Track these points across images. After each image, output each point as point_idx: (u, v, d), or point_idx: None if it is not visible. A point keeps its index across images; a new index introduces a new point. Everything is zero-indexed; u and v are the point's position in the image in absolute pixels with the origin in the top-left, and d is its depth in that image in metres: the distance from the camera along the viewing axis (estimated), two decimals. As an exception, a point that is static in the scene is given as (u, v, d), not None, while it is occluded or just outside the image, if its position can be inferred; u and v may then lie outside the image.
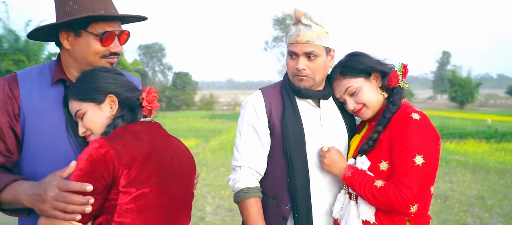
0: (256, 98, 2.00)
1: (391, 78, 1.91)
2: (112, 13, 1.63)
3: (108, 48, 1.63)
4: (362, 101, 1.91)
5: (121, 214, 1.38)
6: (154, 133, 1.51)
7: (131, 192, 1.38)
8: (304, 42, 1.88)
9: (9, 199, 1.47)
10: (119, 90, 1.53)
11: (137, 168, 1.39)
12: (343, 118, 2.04)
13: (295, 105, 1.96)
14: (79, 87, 1.52)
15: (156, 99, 1.58)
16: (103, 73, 1.55)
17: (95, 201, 1.34)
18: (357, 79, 1.92)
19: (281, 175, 1.93)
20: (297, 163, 1.89)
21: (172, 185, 1.50)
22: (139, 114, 1.53)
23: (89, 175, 1.33)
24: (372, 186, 1.77)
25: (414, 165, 1.73)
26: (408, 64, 1.96)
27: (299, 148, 1.91)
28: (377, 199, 1.76)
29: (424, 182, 1.75)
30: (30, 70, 1.70)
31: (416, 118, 1.79)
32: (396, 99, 1.90)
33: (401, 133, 1.78)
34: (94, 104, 1.51)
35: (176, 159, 1.54)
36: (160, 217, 1.46)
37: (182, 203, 1.57)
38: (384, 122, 1.86)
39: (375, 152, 1.84)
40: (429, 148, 1.76)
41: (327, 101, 2.02)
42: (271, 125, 1.96)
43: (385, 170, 1.81)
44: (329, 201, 1.97)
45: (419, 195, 1.73)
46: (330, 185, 1.97)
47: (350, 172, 1.83)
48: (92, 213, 1.36)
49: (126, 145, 1.40)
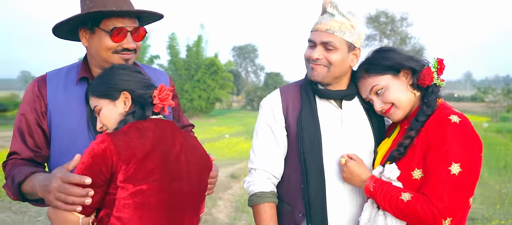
0: (274, 97, 1.92)
1: (424, 76, 1.73)
2: (123, 9, 1.66)
3: (120, 44, 1.67)
4: (389, 100, 1.75)
5: (119, 209, 1.42)
6: (161, 131, 1.53)
7: (128, 188, 1.41)
8: (323, 30, 1.77)
9: (28, 190, 1.58)
10: (133, 87, 1.56)
11: (136, 165, 1.42)
12: (369, 120, 1.88)
13: (313, 105, 1.85)
14: (97, 84, 1.59)
15: (170, 97, 1.57)
16: (119, 71, 1.59)
17: (95, 194, 1.40)
18: (383, 77, 1.76)
19: (296, 180, 1.83)
20: (311, 168, 1.78)
21: (174, 183, 1.51)
22: (148, 111, 1.55)
23: (90, 169, 1.39)
24: (398, 200, 1.61)
25: (449, 174, 1.57)
26: (444, 59, 1.77)
27: (315, 151, 1.79)
28: (404, 214, 1.61)
29: (460, 194, 1.58)
30: (60, 70, 1.82)
31: (455, 120, 1.62)
32: (431, 100, 1.72)
33: (437, 138, 1.62)
34: (109, 100, 1.56)
35: (183, 157, 1.55)
36: (159, 214, 1.47)
37: (188, 201, 1.57)
38: (417, 126, 1.69)
39: (407, 159, 1.68)
40: (468, 156, 1.59)
41: (351, 102, 1.89)
42: (287, 125, 1.86)
43: (419, 179, 1.65)
44: (351, 210, 1.82)
45: (453, 208, 1.56)
46: (351, 193, 1.83)
47: (372, 185, 1.69)
48: (93, 206, 1.42)
49: (128, 142, 1.43)
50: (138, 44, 1.74)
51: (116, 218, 1.42)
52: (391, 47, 1.85)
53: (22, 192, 1.62)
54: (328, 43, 1.76)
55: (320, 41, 1.77)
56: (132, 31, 1.70)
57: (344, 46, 1.78)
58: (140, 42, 1.75)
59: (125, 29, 1.67)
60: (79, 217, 1.41)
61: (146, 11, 1.73)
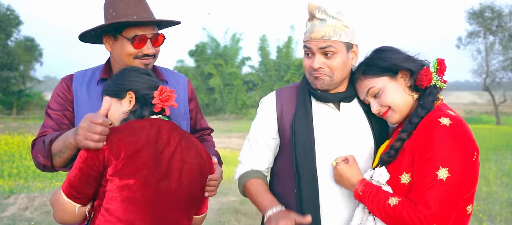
0: (269, 99, 1.90)
1: (422, 77, 1.65)
2: (144, 18, 1.81)
3: (141, 50, 1.83)
4: (386, 104, 1.68)
5: (107, 201, 1.54)
6: (156, 130, 1.61)
7: (115, 182, 1.52)
8: (318, 38, 1.72)
9: (59, 146, 1.68)
10: (138, 88, 1.66)
11: (124, 160, 1.52)
12: (369, 122, 1.81)
13: (309, 108, 1.81)
14: (109, 84, 1.72)
15: (171, 98, 1.66)
16: (129, 73, 1.71)
17: (90, 186, 1.55)
18: (380, 79, 1.69)
19: (289, 185, 1.80)
20: (304, 172, 1.74)
21: (163, 180, 1.59)
22: (146, 110, 1.64)
23: (85, 162, 1.53)
24: (385, 205, 1.54)
25: (436, 179, 1.47)
26: (445, 59, 1.68)
27: (308, 156, 1.75)
28: (391, 218, 1.53)
29: (448, 200, 1.48)
30: (86, 71, 2.01)
31: (444, 123, 1.53)
32: (427, 102, 1.63)
33: (424, 141, 1.53)
34: (116, 99, 1.68)
35: (177, 156, 1.62)
36: (144, 209, 1.55)
37: (175, 199, 1.62)
38: (409, 129, 1.61)
39: (397, 163, 1.61)
40: (457, 160, 1.49)
41: (350, 103, 1.83)
42: (281, 129, 1.84)
43: (406, 183, 1.57)
44: (345, 215, 1.76)
45: (440, 215, 1.46)
46: (346, 197, 1.76)
47: (361, 189, 1.62)
48: (89, 197, 1.57)
49: (120, 138, 1.54)
50: (157, 49, 1.90)
51: (105, 209, 1.54)
52: (390, 46, 1.75)
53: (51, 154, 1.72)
54: (326, 49, 1.72)
55: (317, 48, 1.73)
56: (151, 38, 1.85)
57: (343, 47, 1.74)
58: (160, 47, 1.90)
59: (145, 36, 1.82)
60: (76, 206, 1.56)
61: (164, 20, 1.89)
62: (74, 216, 1.59)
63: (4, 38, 33.41)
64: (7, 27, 33.49)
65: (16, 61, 34.85)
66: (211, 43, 40.90)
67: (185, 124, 2.07)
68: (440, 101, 1.68)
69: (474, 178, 1.57)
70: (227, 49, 40.87)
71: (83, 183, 1.54)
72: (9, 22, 33.77)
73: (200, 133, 2.23)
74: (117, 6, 1.84)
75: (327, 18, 1.73)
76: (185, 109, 2.11)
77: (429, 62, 1.70)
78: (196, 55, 40.41)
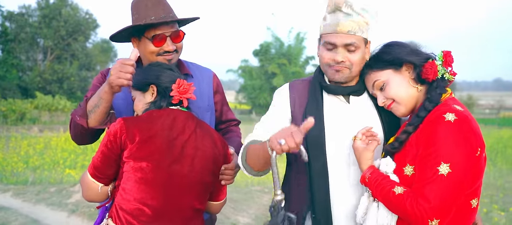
0: (283, 90, 1.94)
1: (427, 70, 1.65)
2: (161, 18, 1.95)
3: (161, 48, 1.97)
4: (390, 96, 1.71)
5: (124, 181, 1.70)
6: (172, 119, 1.75)
7: (130, 163, 1.68)
8: (344, 32, 1.72)
9: (94, 101, 1.87)
10: (160, 82, 1.79)
11: (139, 144, 1.67)
12: (379, 116, 1.83)
13: (320, 101, 1.83)
14: (135, 78, 1.84)
15: (189, 91, 1.79)
16: (152, 68, 1.85)
17: (111, 167, 1.72)
18: (384, 72, 1.72)
19: (300, 180, 1.82)
20: (315, 165, 1.76)
21: (175, 164, 1.72)
22: (164, 102, 1.78)
23: (106, 145, 1.70)
24: (390, 192, 1.56)
25: (437, 174, 1.49)
26: (451, 51, 1.67)
27: (318, 148, 1.77)
28: (394, 206, 1.56)
29: (448, 195, 1.49)
30: None
31: (449, 119, 1.53)
32: (434, 95, 1.63)
33: (428, 136, 1.55)
34: (140, 92, 1.83)
35: (191, 143, 1.76)
36: (156, 189, 1.69)
37: (186, 182, 1.74)
38: (416, 122, 1.63)
39: (402, 155, 1.64)
40: (460, 156, 1.50)
41: (359, 97, 1.85)
42: (293, 119, 1.86)
43: (410, 175, 1.59)
44: (352, 202, 1.77)
45: (439, 209, 1.48)
46: (353, 187, 1.78)
47: (368, 175, 1.65)
48: (110, 177, 1.75)
49: (136, 124, 1.70)
50: (179, 45, 2.02)
51: (122, 188, 1.70)
52: (398, 41, 1.78)
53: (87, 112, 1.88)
54: (351, 44, 1.73)
55: (342, 43, 1.73)
56: (170, 35, 1.98)
57: (363, 43, 1.77)
58: (181, 42, 2.03)
59: (164, 35, 1.97)
60: (99, 185, 1.74)
61: (179, 19, 2.02)
62: (98, 194, 1.77)
63: (83, 40, 36.01)
64: (86, 30, 36.02)
65: (93, 62, 37.42)
66: (275, 43, 41.08)
67: (208, 115, 2.18)
68: (448, 95, 1.68)
69: (478, 173, 1.57)
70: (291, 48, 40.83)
71: (105, 164, 1.72)
72: (88, 25, 36.28)
73: (226, 124, 2.33)
74: (138, 9, 2.00)
75: (353, 13, 1.73)
76: (209, 101, 2.21)
77: (435, 55, 1.71)
78: (260, 55, 40.77)
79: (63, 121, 23.64)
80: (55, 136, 14.15)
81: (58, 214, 5.45)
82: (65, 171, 8.70)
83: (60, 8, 34.21)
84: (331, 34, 1.75)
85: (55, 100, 26.70)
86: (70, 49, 35.15)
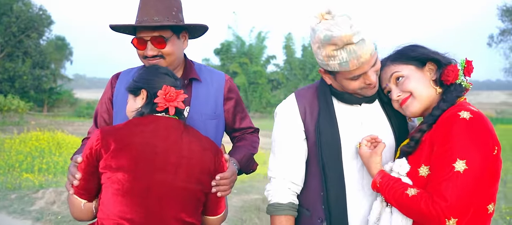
0: (290, 103, 1.86)
1: (449, 72, 1.65)
2: (143, 21, 1.87)
3: (144, 52, 1.91)
4: (408, 89, 1.68)
5: (103, 194, 1.61)
6: (155, 126, 1.66)
7: (107, 174, 1.59)
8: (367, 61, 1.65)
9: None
10: (151, 86, 1.71)
11: (113, 153, 1.58)
12: (389, 121, 1.82)
13: (332, 109, 1.79)
14: (130, 81, 1.81)
15: (176, 99, 1.68)
16: (148, 71, 1.78)
17: (90, 182, 1.63)
18: (406, 66, 1.71)
19: (315, 186, 1.78)
20: (331, 174, 1.73)
21: (157, 174, 1.61)
22: (146, 109, 1.69)
23: (86, 157, 1.62)
24: (403, 194, 1.53)
25: (453, 171, 1.46)
26: (473, 60, 1.68)
27: (334, 157, 1.74)
28: (409, 208, 1.53)
29: (465, 192, 1.45)
30: (133, 69, 2.13)
31: (464, 116, 1.51)
32: (451, 97, 1.63)
33: (443, 133, 1.53)
34: (133, 96, 1.77)
35: (176, 152, 1.64)
36: (134, 201, 1.58)
37: (170, 193, 1.63)
38: (430, 121, 1.61)
39: (416, 155, 1.61)
40: (476, 153, 1.47)
41: (370, 104, 1.84)
42: (306, 130, 1.80)
43: (425, 176, 1.56)
44: (365, 208, 1.76)
45: (457, 208, 1.44)
46: (371, 197, 1.75)
47: (379, 180, 1.62)
48: (92, 192, 1.66)
49: (113, 134, 1.62)
50: (165, 50, 1.90)
51: (101, 202, 1.62)
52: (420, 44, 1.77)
53: None
54: (376, 64, 1.69)
55: (370, 68, 1.67)
56: (150, 40, 1.89)
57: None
58: (169, 48, 1.91)
59: (142, 39, 1.90)
60: (81, 201, 1.65)
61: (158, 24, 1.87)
62: (82, 211, 1.67)
63: (37, 37, 34.48)
64: (39, 26, 34.52)
65: (48, 60, 35.93)
66: (236, 42, 41.06)
67: (214, 123, 2.05)
68: (463, 99, 1.67)
69: (496, 173, 1.54)
70: (252, 47, 40.94)
71: (84, 179, 1.62)
72: (41, 22, 34.79)
73: (241, 132, 2.20)
74: (139, 6, 1.94)
75: (364, 37, 1.63)
76: (217, 109, 2.07)
77: (457, 61, 1.70)
78: (221, 54, 40.63)
79: (16, 122, 22.56)
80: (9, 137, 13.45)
81: (20, 222, 5.18)
82: (22, 176, 8.29)
83: (11, 4, 32.60)
84: (356, 69, 1.65)
85: (7, 100, 25.43)
86: (22, 47, 33.57)
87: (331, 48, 1.62)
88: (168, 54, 1.91)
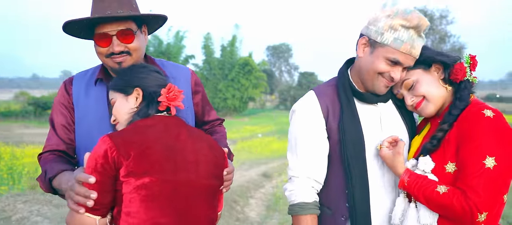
0: (311, 100, 1.84)
1: (456, 70, 1.72)
2: (106, 14, 1.68)
3: (108, 49, 1.72)
4: (421, 93, 1.76)
5: (127, 204, 1.46)
6: (164, 125, 1.57)
7: (131, 182, 1.45)
8: (415, 56, 1.73)
9: (57, 186, 1.65)
10: (146, 85, 1.60)
11: (134, 160, 1.44)
12: (403, 119, 1.88)
13: (354, 107, 1.80)
14: (116, 79, 1.66)
15: (179, 98, 1.60)
16: (138, 68, 1.66)
17: (107, 195, 1.45)
18: (414, 71, 1.77)
19: (338, 184, 1.79)
20: (355, 172, 1.74)
21: (180, 173, 1.53)
22: (152, 109, 1.58)
23: (95, 170, 1.43)
24: (434, 192, 1.60)
25: (484, 168, 1.55)
26: (476, 55, 1.76)
27: (358, 155, 1.76)
28: (440, 206, 1.60)
29: (496, 188, 1.56)
30: (87, 71, 1.94)
31: (489, 115, 1.61)
32: (464, 95, 1.71)
33: (470, 131, 1.61)
34: (123, 94, 1.62)
35: (190, 147, 1.57)
36: (165, 204, 1.49)
37: (196, 190, 1.57)
38: (450, 120, 1.69)
39: (440, 153, 1.68)
40: (503, 150, 1.57)
41: (386, 103, 1.89)
42: (328, 129, 1.81)
43: (452, 172, 1.64)
44: (387, 206, 1.81)
45: (489, 203, 1.54)
46: (388, 189, 1.82)
47: (406, 179, 1.67)
48: (107, 206, 1.48)
49: (125, 138, 1.47)
50: (132, 46, 1.74)
51: (125, 213, 1.46)
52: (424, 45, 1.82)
53: (53, 187, 1.70)
54: (408, 68, 1.76)
55: (407, 65, 1.73)
56: (116, 34, 1.71)
57: None
58: (136, 43, 1.75)
59: (108, 33, 1.71)
60: (96, 218, 1.46)
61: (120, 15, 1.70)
62: None
63: None
64: None
65: None
66: (153, 41, 39.95)
67: (189, 118, 1.98)
68: (472, 96, 1.75)
69: None
70: (170, 46, 40.10)
71: (101, 192, 1.45)
72: None
73: (210, 125, 2.15)
74: (93, 3, 1.75)
75: (425, 40, 1.76)
76: (189, 103, 2.01)
77: (461, 58, 1.77)
78: (138, 53, 39.29)
79: None
80: None
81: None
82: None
83: None
84: (401, 53, 1.69)
85: None
86: None
87: (400, 22, 1.67)
88: (134, 50, 1.76)
